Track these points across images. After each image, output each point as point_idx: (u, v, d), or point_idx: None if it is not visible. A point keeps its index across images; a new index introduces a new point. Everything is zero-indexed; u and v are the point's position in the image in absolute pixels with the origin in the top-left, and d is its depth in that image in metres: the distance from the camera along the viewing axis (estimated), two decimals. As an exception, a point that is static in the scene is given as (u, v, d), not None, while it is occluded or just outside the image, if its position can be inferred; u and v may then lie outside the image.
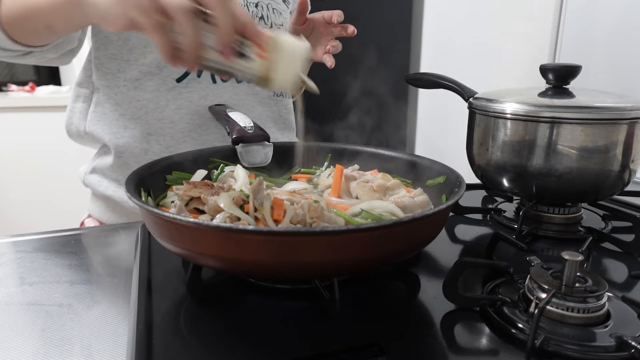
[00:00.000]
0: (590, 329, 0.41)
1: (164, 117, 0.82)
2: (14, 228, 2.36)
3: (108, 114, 0.83)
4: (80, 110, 0.86)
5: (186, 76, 0.82)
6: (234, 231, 0.40)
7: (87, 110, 0.85)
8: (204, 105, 0.83)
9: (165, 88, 0.81)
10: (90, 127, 0.84)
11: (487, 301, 0.45)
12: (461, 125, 0.75)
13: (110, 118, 0.83)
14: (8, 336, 0.45)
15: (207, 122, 0.84)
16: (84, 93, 0.86)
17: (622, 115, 0.59)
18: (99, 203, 0.89)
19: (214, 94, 0.84)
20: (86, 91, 0.86)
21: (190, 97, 0.82)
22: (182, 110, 0.82)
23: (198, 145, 0.83)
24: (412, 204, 0.57)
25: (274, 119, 0.93)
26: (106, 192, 0.85)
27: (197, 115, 0.83)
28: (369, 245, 0.41)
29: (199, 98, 0.83)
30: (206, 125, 0.84)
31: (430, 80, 0.78)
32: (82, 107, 0.86)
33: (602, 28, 1.18)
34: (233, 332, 0.43)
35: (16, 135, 2.31)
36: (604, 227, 0.67)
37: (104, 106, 0.83)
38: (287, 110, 0.97)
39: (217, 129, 0.85)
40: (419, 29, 2.07)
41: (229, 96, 0.86)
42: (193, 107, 0.83)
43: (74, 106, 0.87)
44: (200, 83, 0.83)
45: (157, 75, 0.80)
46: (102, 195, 0.86)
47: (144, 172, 0.57)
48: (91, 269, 0.59)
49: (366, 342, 0.40)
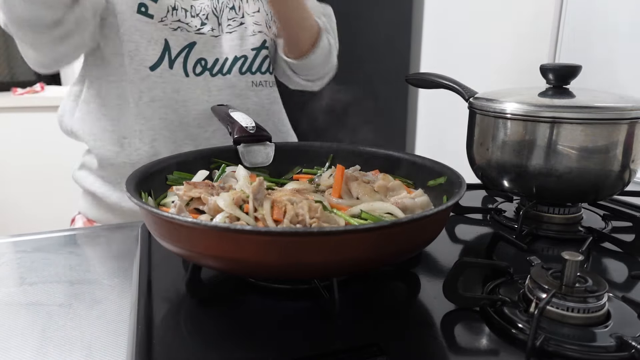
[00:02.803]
0: (590, 329, 0.41)
1: (138, 112, 0.81)
2: (14, 228, 2.36)
3: (92, 113, 0.83)
4: (70, 108, 0.87)
5: (159, 65, 0.81)
6: (232, 231, 0.40)
7: (75, 109, 0.86)
8: (176, 99, 0.82)
9: (138, 77, 0.80)
10: (75, 126, 0.85)
11: (487, 301, 0.45)
12: (461, 125, 0.75)
13: (92, 118, 0.83)
14: (8, 336, 0.45)
15: (180, 119, 0.83)
16: (75, 91, 0.87)
17: (622, 115, 0.59)
18: (87, 199, 0.90)
19: (186, 88, 0.83)
20: (77, 89, 0.86)
21: (164, 88, 0.81)
22: (155, 103, 0.81)
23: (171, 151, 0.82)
24: (413, 205, 0.57)
25: (256, 110, 0.90)
26: (91, 188, 0.87)
27: (170, 110, 0.82)
28: (368, 245, 0.41)
29: (172, 91, 0.82)
30: (178, 122, 0.83)
31: (430, 80, 0.78)
32: (71, 106, 0.87)
33: (602, 28, 1.18)
34: (233, 332, 0.43)
35: (23, 135, 2.31)
36: (604, 227, 0.67)
37: (89, 105, 0.84)
38: (270, 99, 0.93)
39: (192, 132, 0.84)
40: (419, 28, 2.06)
41: (201, 91, 0.84)
42: (166, 100, 0.82)
43: (66, 103, 0.88)
44: (174, 75, 0.82)
45: (129, 64, 0.80)
46: (89, 191, 0.88)
47: (145, 172, 0.57)
48: (91, 269, 0.59)
49: (366, 342, 0.40)
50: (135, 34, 0.79)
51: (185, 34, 0.82)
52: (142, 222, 0.66)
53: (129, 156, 0.83)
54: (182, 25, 0.82)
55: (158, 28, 0.80)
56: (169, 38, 0.81)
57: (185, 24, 0.82)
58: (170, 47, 0.81)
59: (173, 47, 0.81)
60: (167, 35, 0.81)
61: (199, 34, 0.83)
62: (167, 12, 0.80)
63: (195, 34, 0.83)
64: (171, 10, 0.81)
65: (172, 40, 0.81)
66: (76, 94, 0.87)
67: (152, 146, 0.82)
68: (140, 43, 0.80)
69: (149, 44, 0.80)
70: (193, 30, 0.82)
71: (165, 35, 0.80)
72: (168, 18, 0.80)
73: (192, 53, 0.83)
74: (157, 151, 0.82)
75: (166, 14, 0.80)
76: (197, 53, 0.83)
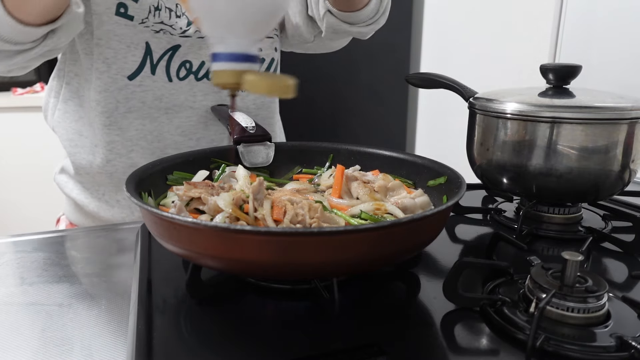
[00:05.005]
0: (590, 329, 0.41)
1: (111, 122, 0.76)
2: (14, 228, 2.36)
3: (70, 114, 0.79)
4: (52, 105, 0.83)
5: (139, 73, 0.75)
6: (232, 231, 0.40)
7: (56, 107, 0.82)
8: (157, 107, 0.77)
9: (115, 87, 0.74)
10: (56, 125, 0.82)
11: (487, 301, 0.45)
12: (461, 125, 0.75)
13: (69, 119, 0.80)
14: (8, 336, 0.45)
15: (160, 128, 0.79)
16: (55, 87, 0.82)
17: (622, 115, 0.59)
18: (69, 203, 0.87)
19: (169, 94, 0.78)
20: (56, 84, 0.81)
21: (143, 98, 0.76)
22: (131, 114, 0.76)
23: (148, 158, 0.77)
24: (413, 205, 0.57)
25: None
26: (71, 194, 0.84)
27: (148, 120, 0.77)
28: (368, 245, 0.41)
29: (153, 99, 0.77)
30: (158, 132, 0.78)
31: (430, 80, 0.78)
32: (53, 102, 0.82)
33: (602, 28, 1.18)
34: (233, 332, 0.43)
35: (23, 135, 2.31)
36: (604, 227, 0.67)
37: (67, 104, 0.80)
38: (257, 104, 0.87)
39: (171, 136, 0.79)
40: (419, 28, 2.07)
41: (185, 97, 0.79)
42: (145, 110, 0.77)
43: (48, 100, 0.83)
44: (156, 82, 0.76)
45: (105, 72, 0.74)
46: (69, 196, 0.85)
47: (145, 172, 0.57)
48: (91, 269, 0.59)
49: (366, 342, 0.40)
50: (114, 39, 0.73)
51: (168, 37, 0.75)
52: (136, 223, 0.66)
53: (103, 167, 0.78)
54: (165, 27, 0.75)
55: (138, 30, 0.73)
56: (150, 41, 0.74)
57: (169, 26, 0.75)
58: (152, 51, 0.75)
59: (155, 51, 0.75)
60: (149, 37, 0.74)
61: (184, 36, 0.77)
62: (149, 13, 0.73)
63: (180, 37, 0.76)
64: (153, 11, 0.73)
65: (154, 43, 0.75)
66: (57, 90, 0.81)
67: (129, 157, 0.78)
68: (119, 50, 0.73)
69: (129, 50, 0.74)
70: (177, 33, 0.76)
71: (146, 38, 0.74)
72: (150, 19, 0.73)
73: (176, 56, 0.77)
74: (135, 162, 0.78)
75: (147, 15, 0.73)
76: (182, 56, 0.77)
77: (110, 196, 0.82)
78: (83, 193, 0.83)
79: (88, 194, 0.83)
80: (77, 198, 0.83)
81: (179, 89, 0.79)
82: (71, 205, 0.87)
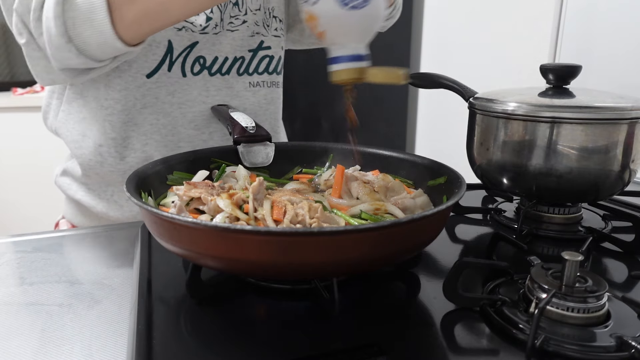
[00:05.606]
0: (590, 329, 0.41)
1: (129, 119, 0.77)
2: (14, 228, 2.36)
3: (73, 115, 0.79)
4: (54, 107, 0.82)
5: (157, 71, 0.76)
6: (231, 231, 0.40)
7: (59, 108, 0.81)
8: (170, 102, 0.78)
9: (134, 85, 0.76)
10: (59, 127, 0.81)
11: (487, 301, 0.45)
12: (461, 125, 0.75)
13: (73, 121, 0.79)
14: (8, 336, 0.45)
15: (174, 122, 0.79)
16: (58, 88, 0.82)
17: (622, 115, 0.59)
18: (71, 206, 0.87)
19: (182, 89, 0.78)
20: (60, 86, 0.81)
21: (157, 94, 0.77)
22: (146, 109, 0.77)
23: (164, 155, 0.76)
24: (413, 205, 0.57)
25: (253, 110, 0.86)
26: (75, 196, 0.83)
27: (162, 115, 0.78)
28: (368, 245, 0.41)
29: (166, 94, 0.77)
30: (172, 126, 0.79)
31: (431, 80, 0.78)
32: (56, 104, 0.82)
33: (602, 28, 1.18)
34: (233, 332, 0.43)
35: (23, 135, 2.31)
36: (604, 227, 0.67)
37: (71, 105, 0.79)
38: (267, 99, 0.88)
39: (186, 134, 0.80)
40: (419, 28, 2.07)
41: (199, 92, 0.79)
42: (159, 105, 0.77)
43: (50, 102, 0.83)
44: (170, 77, 0.77)
45: (126, 71, 0.75)
46: (72, 198, 0.84)
47: (145, 172, 0.57)
48: (91, 269, 0.59)
49: (366, 342, 0.40)
50: None
51: (189, 34, 0.76)
52: (141, 223, 0.66)
53: (116, 165, 0.78)
54: (187, 24, 0.76)
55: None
56: (172, 39, 0.75)
57: (190, 23, 0.76)
58: (173, 49, 0.76)
59: (176, 49, 0.76)
60: (171, 35, 0.75)
61: (203, 33, 0.78)
62: None
63: (200, 34, 0.77)
64: None
65: (176, 41, 0.76)
66: (60, 91, 0.81)
67: (144, 151, 0.78)
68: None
69: (150, 48, 0.74)
70: (198, 30, 0.77)
71: (169, 36, 0.75)
72: None
73: (192, 52, 0.78)
74: (149, 155, 0.78)
75: None
76: (197, 51, 0.78)
77: (120, 196, 0.82)
78: (89, 194, 0.82)
79: (94, 195, 0.82)
80: (83, 200, 0.82)
81: (192, 84, 0.79)
82: (74, 207, 0.86)
